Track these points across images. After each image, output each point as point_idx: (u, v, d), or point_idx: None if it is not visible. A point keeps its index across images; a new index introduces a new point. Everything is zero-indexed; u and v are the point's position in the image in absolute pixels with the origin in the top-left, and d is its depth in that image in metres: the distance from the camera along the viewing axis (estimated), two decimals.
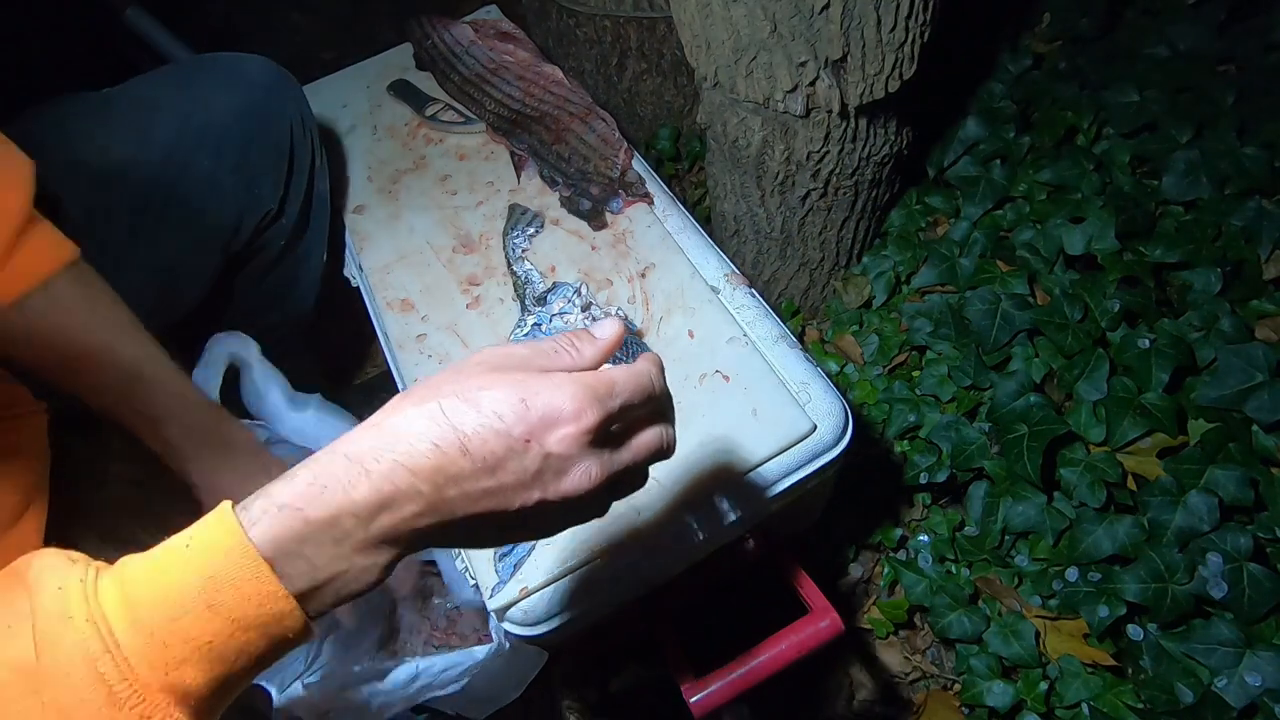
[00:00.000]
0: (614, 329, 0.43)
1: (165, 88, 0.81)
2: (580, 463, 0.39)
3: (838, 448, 0.70)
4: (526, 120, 0.93)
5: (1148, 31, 1.09)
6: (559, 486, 0.39)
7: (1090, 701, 0.83)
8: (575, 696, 0.99)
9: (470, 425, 0.36)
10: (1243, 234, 0.91)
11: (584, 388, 0.39)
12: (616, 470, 0.41)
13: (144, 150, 0.77)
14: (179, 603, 0.33)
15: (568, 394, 0.38)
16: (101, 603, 0.32)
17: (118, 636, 0.32)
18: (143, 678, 0.32)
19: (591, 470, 0.39)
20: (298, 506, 0.35)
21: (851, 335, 1.10)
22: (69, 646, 0.31)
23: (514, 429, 0.37)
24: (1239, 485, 0.79)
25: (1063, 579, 0.86)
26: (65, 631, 0.31)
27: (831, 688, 0.98)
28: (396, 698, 0.64)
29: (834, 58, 0.78)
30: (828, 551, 1.01)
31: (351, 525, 0.36)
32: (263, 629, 0.34)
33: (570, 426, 0.38)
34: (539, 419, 0.37)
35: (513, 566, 0.65)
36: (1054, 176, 1.01)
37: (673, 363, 0.74)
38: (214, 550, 0.34)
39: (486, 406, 0.37)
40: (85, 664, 0.31)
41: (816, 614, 0.66)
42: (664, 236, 0.83)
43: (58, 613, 0.32)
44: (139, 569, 0.34)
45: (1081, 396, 0.89)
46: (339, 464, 0.36)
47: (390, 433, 0.37)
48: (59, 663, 0.31)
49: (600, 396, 0.39)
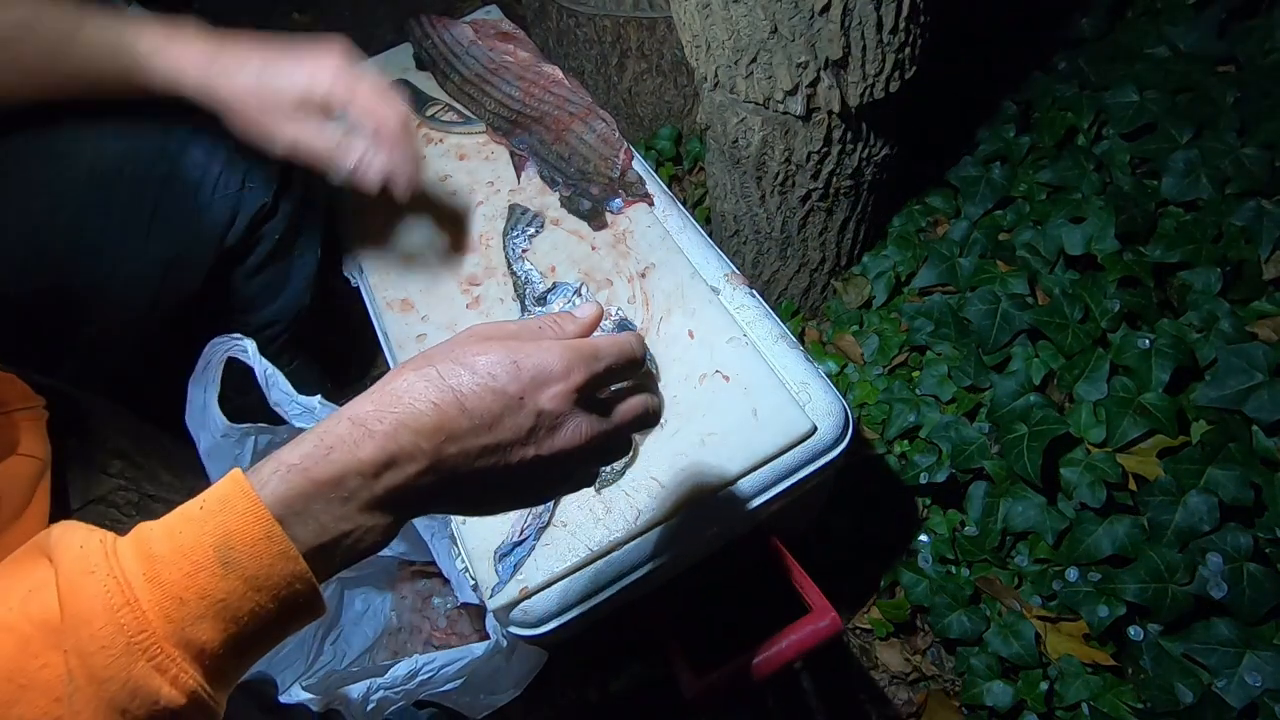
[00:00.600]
0: (593, 309, 0.47)
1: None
2: (571, 420, 0.42)
3: (838, 448, 0.70)
4: (526, 120, 0.93)
5: (1148, 31, 1.09)
6: (552, 442, 0.41)
7: (1090, 702, 0.83)
8: (575, 696, 0.99)
9: (467, 385, 0.39)
10: (1243, 234, 0.91)
11: (571, 349, 0.42)
12: (604, 430, 0.44)
13: (138, 146, 0.77)
14: (194, 561, 0.34)
15: (556, 354, 0.41)
16: (121, 560, 0.34)
17: (136, 591, 0.33)
18: (160, 630, 0.33)
19: (582, 427, 0.42)
20: (305, 467, 0.36)
21: (851, 335, 1.10)
22: (90, 598, 0.32)
23: (508, 387, 0.39)
24: (1239, 485, 0.79)
25: (1063, 579, 0.86)
26: (87, 584, 0.33)
27: (832, 688, 0.98)
28: (396, 693, 0.64)
29: (834, 58, 0.78)
30: (828, 551, 1.01)
31: (357, 485, 0.37)
32: (274, 590, 0.35)
33: (560, 384, 0.41)
34: (531, 378, 0.40)
35: (513, 566, 0.65)
36: (1054, 176, 1.01)
37: (673, 363, 0.74)
38: (227, 511, 0.35)
39: (481, 368, 0.40)
40: (106, 613, 0.32)
41: (816, 614, 0.66)
42: (664, 236, 0.83)
43: (80, 568, 0.33)
44: (156, 530, 0.35)
45: (1081, 397, 0.89)
46: (343, 427, 0.38)
47: (391, 396, 0.39)
48: (81, 613, 0.32)
49: (586, 357, 0.42)
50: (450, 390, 0.39)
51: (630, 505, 0.67)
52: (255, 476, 0.36)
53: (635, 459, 0.69)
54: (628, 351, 0.45)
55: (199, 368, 0.80)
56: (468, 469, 0.39)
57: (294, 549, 0.35)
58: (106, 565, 0.33)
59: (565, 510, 0.68)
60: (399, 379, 0.39)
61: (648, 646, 0.90)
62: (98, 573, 0.33)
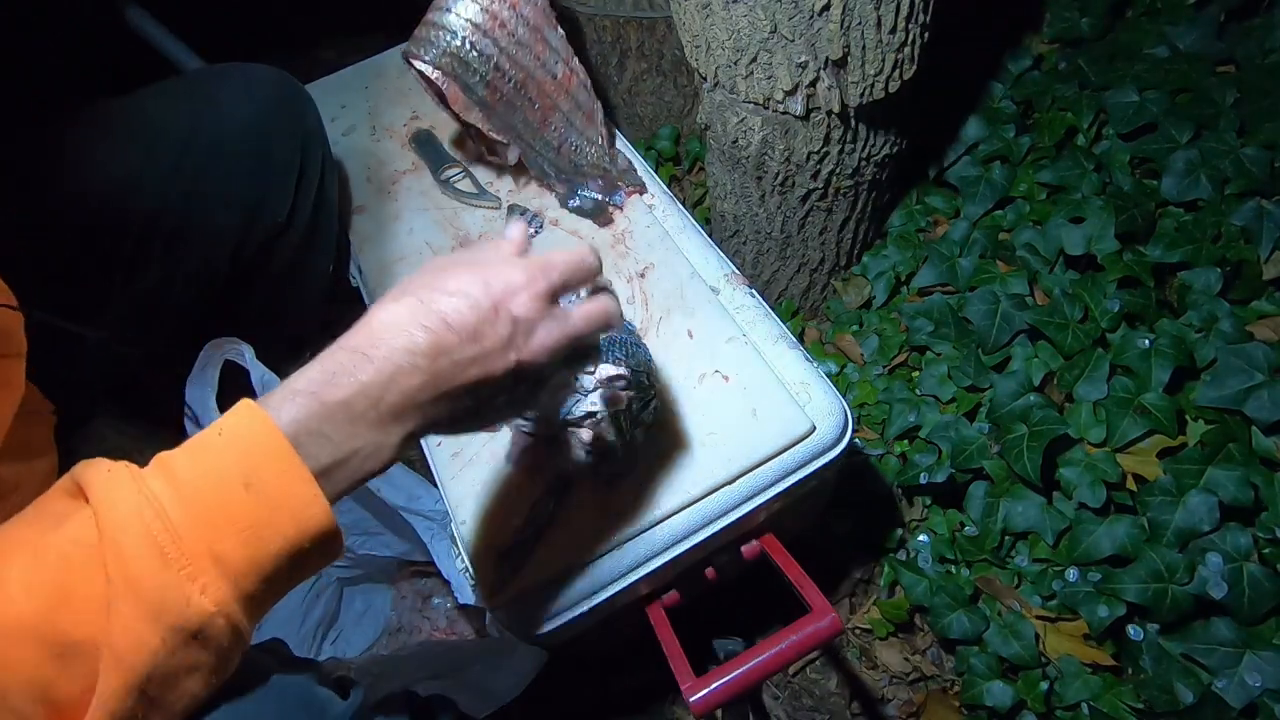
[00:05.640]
0: (518, 227, 0.52)
1: (174, 100, 0.80)
2: (541, 324, 0.47)
3: (837, 448, 0.70)
4: (512, 93, 0.88)
5: (1148, 31, 1.09)
6: (530, 345, 0.46)
7: (1090, 702, 0.83)
8: (575, 696, 0.99)
9: (447, 306, 0.43)
10: (1243, 234, 0.91)
11: (530, 262, 0.47)
12: (572, 331, 0.48)
13: (151, 165, 0.76)
14: (217, 482, 0.37)
15: (518, 268, 0.46)
16: (149, 482, 0.37)
17: (166, 508, 0.36)
18: (190, 544, 0.36)
19: (552, 330, 0.47)
20: (313, 391, 0.40)
21: (851, 335, 1.10)
22: (125, 514, 0.36)
23: (483, 301, 0.44)
24: (1239, 485, 0.79)
25: (1063, 579, 0.86)
26: (121, 501, 0.36)
27: (832, 688, 0.98)
28: (397, 672, 0.64)
29: (834, 58, 0.78)
30: (828, 551, 1.01)
31: (363, 405, 0.41)
32: (291, 511, 0.38)
33: (525, 292, 0.46)
34: (501, 290, 0.45)
35: (513, 567, 0.65)
36: (1054, 176, 1.01)
37: (672, 363, 0.74)
38: (244, 436, 0.38)
39: (455, 288, 0.44)
40: (140, 528, 0.35)
41: (816, 614, 0.66)
42: (664, 236, 0.83)
43: (112, 490, 0.37)
44: (178, 457, 0.38)
45: (1081, 397, 0.89)
46: (343, 355, 0.42)
47: (380, 325, 0.43)
48: (117, 529, 0.35)
49: (543, 267, 0.47)
50: (435, 312, 0.43)
51: (630, 505, 0.67)
52: (267, 403, 0.40)
53: (635, 459, 0.69)
54: (580, 261, 0.50)
55: (196, 369, 0.80)
56: (461, 380, 0.44)
57: (308, 472, 0.38)
58: (135, 486, 0.37)
59: (565, 510, 0.68)
60: (383, 311, 0.43)
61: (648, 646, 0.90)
62: (128, 493, 0.36)
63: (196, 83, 0.85)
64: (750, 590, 0.96)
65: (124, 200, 0.75)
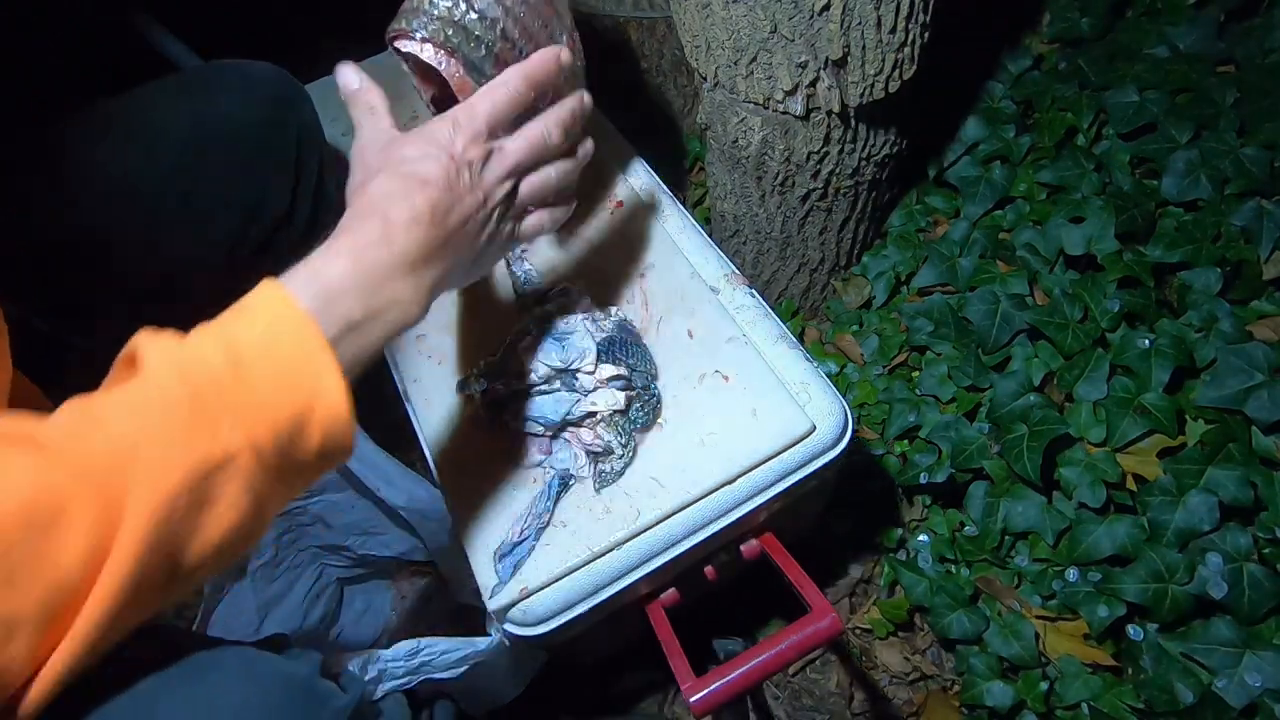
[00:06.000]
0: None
1: (172, 97, 0.81)
2: (494, 156, 0.53)
3: (837, 448, 0.70)
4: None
5: (1148, 31, 1.09)
6: (491, 174, 0.52)
7: (1090, 702, 0.83)
8: (575, 696, 0.99)
9: (422, 169, 0.49)
10: (1243, 234, 0.91)
11: (454, 110, 0.52)
12: (523, 154, 0.54)
13: (150, 162, 0.76)
14: (250, 345, 0.41)
15: (447, 119, 0.52)
16: (199, 345, 0.41)
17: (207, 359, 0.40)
18: (225, 392, 0.40)
19: (504, 156, 0.53)
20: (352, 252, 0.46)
21: (851, 335, 1.10)
22: (160, 369, 0.39)
23: (439, 156, 0.50)
24: (1239, 485, 0.79)
25: (1063, 579, 0.86)
26: (162, 351, 0.40)
27: (832, 688, 0.98)
28: (398, 669, 0.64)
29: (834, 58, 0.78)
30: (828, 551, 1.01)
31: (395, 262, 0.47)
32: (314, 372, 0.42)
33: (463, 132, 0.51)
34: (446, 140, 0.51)
35: (513, 567, 0.65)
36: (1054, 176, 1.01)
37: (672, 363, 0.74)
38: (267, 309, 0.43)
39: (412, 152, 0.50)
40: (173, 375, 0.39)
41: (816, 614, 0.66)
42: (664, 236, 0.83)
43: (156, 348, 0.40)
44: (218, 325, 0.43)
45: (1081, 397, 0.89)
46: (364, 225, 0.47)
47: (381, 196, 0.48)
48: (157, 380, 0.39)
49: (467, 109, 0.52)
50: (416, 176, 0.49)
51: (630, 505, 0.67)
52: (309, 265, 0.45)
53: (634, 459, 0.69)
54: (499, 89, 0.54)
55: None
56: (453, 224, 0.50)
57: (326, 342, 0.43)
58: (178, 342, 0.41)
59: (565, 510, 0.68)
60: (370, 188, 0.49)
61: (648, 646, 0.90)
62: (170, 346, 0.40)
63: (193, 81, 0.85)
64: (750, 590, 0.96)
65: (123, 200, 0.75)
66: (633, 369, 0.70)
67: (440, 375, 0.77)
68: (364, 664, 0.62)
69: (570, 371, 0.68)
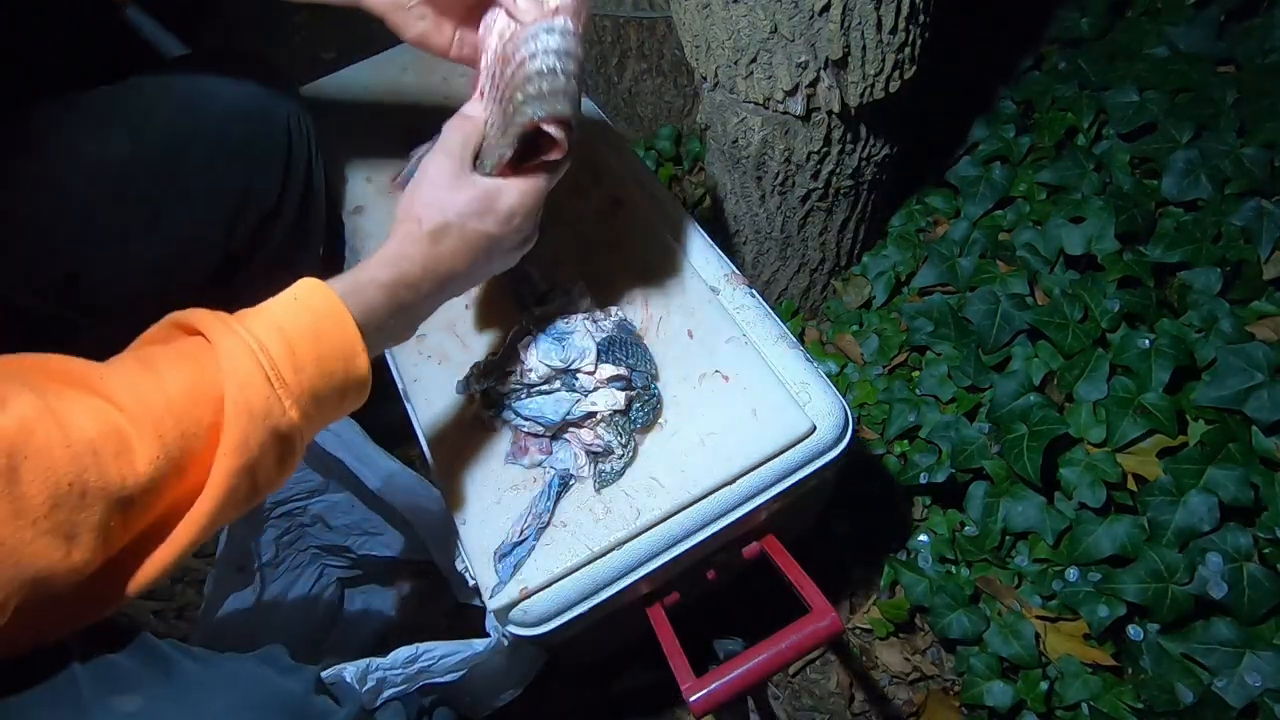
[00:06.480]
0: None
1: (162, 85, 0.81)
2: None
3: (837, 448, 0.70)
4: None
5: (1148, 31, 1.09)
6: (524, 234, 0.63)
7: (1090, 702, 0.83)
8: (575, 696, 0.99)
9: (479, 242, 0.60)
10: (1242, 234, 0.91)
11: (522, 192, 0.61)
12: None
13: (141, 146, 0.77)
14: (298, 328, 0.50)
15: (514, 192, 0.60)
16: (250, 327, 0.49)
17: (267, 346, 0.48)
18: (285, 373, 0.48)
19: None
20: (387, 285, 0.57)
21: (851, 335, 1.10)
22: (234, 348, 0.47)
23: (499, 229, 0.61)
24: (1239, 485, 0.79)
25: (1063, 579, 0.86)
26: (232, 342, 0.47)
27: (832, 688, 0.98)
28: (395, 675, 0.64)
29: (834, 58, 0.78)
30: (828, 551, 1.01)
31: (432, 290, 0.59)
32: (345, 359, 0.52)
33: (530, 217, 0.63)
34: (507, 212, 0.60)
35: (513, 566, 0.65)
36: (1054, 176, 1.01)
37: (672, 363, 0.74)
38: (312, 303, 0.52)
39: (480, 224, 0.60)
40: (250, 357, 0.47)
41: (816, 614, 0.66)
42: (664, 236, 0.83)
43: (225, 334, 0.48)
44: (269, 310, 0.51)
45: (1081, 397, 0.89)
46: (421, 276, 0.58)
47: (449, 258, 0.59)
48: (233, 359, 0.47)
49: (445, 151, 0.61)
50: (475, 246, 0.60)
51: (630, 505, 0.67)
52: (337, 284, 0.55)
53: (635, 459, 0.69)
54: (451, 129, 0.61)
55: None
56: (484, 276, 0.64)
57: (358, 331, 0.52)
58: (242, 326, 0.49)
59: (565, 510, 0.68)
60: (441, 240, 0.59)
61: (648, 646, 0.90)
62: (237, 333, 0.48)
63: (182, 69, 0.85)
64: (750, 590, 0.96)
65: (112, 189, 0.75)
66: (633, 369, 0.70)
67: (440, 375, 0.77)
68: (362, 673, 0.62)
69: (570, 371, 0.69)
